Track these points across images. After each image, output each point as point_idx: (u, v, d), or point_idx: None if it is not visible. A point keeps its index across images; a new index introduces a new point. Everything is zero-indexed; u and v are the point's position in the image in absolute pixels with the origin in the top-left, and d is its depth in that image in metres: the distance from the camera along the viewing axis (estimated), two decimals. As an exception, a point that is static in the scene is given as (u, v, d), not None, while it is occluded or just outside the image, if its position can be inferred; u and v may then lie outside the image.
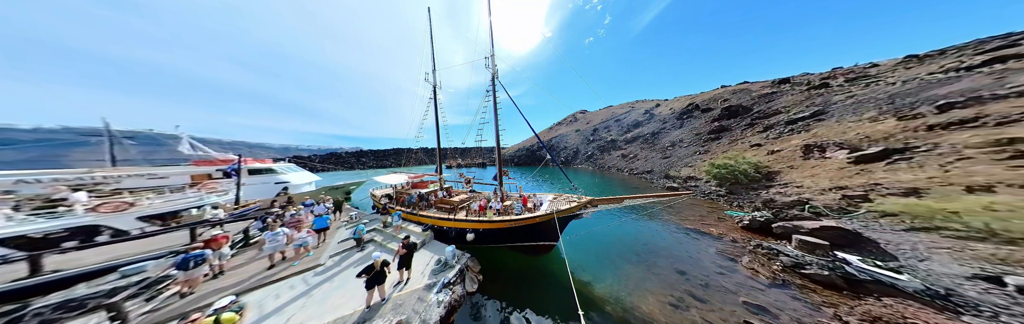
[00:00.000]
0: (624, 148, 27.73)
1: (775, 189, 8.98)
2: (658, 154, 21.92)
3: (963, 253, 4.62)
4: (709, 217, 8.45)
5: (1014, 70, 9.98)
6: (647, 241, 7.13)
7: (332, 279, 4.49)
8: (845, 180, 7.66)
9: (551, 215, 5.46)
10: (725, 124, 19.00)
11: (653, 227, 8.11)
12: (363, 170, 49.74)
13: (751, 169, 10.83)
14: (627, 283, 5.17)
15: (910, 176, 6.61)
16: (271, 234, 4.63)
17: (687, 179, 14.26)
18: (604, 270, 5.75)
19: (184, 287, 3.83)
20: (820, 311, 3.92)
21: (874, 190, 6.65)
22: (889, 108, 11.08)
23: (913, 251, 4.96)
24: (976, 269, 4.29)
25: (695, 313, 4.10)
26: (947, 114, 8.59)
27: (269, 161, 13.82)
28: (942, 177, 6.14)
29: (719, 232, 7.14)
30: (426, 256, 5.37)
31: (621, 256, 6.37)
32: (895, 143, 8.33)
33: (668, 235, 7.43)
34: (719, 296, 4.54)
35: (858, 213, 6.18)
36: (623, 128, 32.76)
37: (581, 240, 7.07)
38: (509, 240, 6.27)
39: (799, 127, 13.48)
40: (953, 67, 12.30)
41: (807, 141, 11.01)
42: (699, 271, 5.39)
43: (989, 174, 5.68)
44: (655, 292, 4.78)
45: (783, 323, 3.76)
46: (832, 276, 4.55)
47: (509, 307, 4.62)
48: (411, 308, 3.74)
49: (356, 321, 3.44)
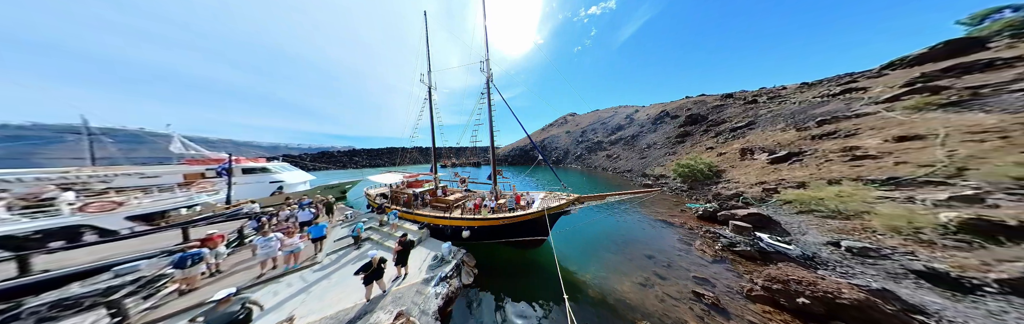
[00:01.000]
0: (609, 149, 30.10)
1: (721, 184, 11.25)
2: (637, 155, 24.51)
3: (822, 227, 6.53)
4: (674, 209, 10.02)
5: (855, 99, 13.84)
6: (624, 232, 8.04)
7: (330, 276, 4.52)
8: (765, 176, 10.14)
9: (542, 212, 5.70)
10: (688, 130, 22.18)
11: (630, 219, 9.18)
12: (356, 169, 48.24)
13: (706, 168, 12.87)
14: (606, 269, 5.79)
15: (800, 173, 9.21)
16: (263, 240, 4.41)
17: (659, 177, 16.34)
18: (588, 259, 6.31)
19: (182, 285, 3.88)
20: (742, 277, 5.15)
21: (781, 184, 9.02)
22: (792, 122, 14.46)
23: (798, 228, 6.80)
24: (828, 237, 6.06)
25: (658, 289, 4.98)
26: (821, 128, 11.74)
27: (262, 160, 13.61)
28: (817, 174, 8.72)
29: (680, 221, 8.55)
30: (423, 252, 5.49)
31: (602, 246, 7.02)
32: (794, 148, 11.17)
33: (641, 226, 8.51)
34: (676, 273, 5.48)
35: (770, 202, 8.34)
36: (608, 131, 35.30)
37: (569, 234, 7.61)
38: (503, 236, 6.43)
39: (738, 134, 16.66)
40: (824, 93, 16.45)
41: (743, 146, 13.82)
42: (663, 255, 6.35)
43: (840, 171, 8.29)
44: (628, 275, 5.50)
45: (718, 289, 4.86)
46: (751, 251, 5.97)
47: (503, 297, 4.92)
48: (410, 300, 3.84)
49: (358, 313, 3.52)
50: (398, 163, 47.30)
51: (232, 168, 9.96)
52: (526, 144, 46.16)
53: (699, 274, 5.42)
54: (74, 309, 3.28)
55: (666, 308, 4.44)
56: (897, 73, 15.19)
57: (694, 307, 4.43)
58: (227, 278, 4.27)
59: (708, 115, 22.71)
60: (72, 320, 3.19)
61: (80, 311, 3.28)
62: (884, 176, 7.25)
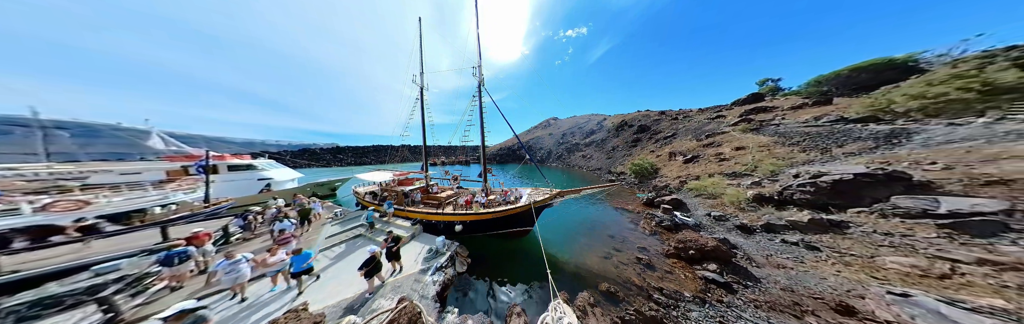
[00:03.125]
0: (584, 150, 35.19)
1: (658, 179, 15.15)
2: (605, 155, 29.58)
3: (704, 205, 9.70)
4: (629, 199, 12.74)
5: (720, 122, 20.69)
6: (593, 218, 9.56)
7: (324, 271, 4.54)
8: (680, 172, 14.82)
9: (528, 205, 6.05)
10: (639, 136, 28.14)
11: (598, 208, 11.13)
12: (341, 167, 45.91)
13: (649, 167, 17.00)
14: (580, 249, 6.72)
15: (697, 170, 14.16)
16: (227, 263, 3.54)
17: (620, 173, 20.10)
18: (565, 243, 7.18)
19: (172, 282, 3.83)
20: (664, 243, 6.92)
21: (688, 177, 13.62)
22: (693, 135, 20.62)
23: (694, 207, 9.71)
24: (707, 211, 8.99)
25: (614, 259, 6.12)
26: (707, 140, 17.51)
27: (248, 157, 13.23)
28: (704, 170, 13.65)
29: (632, 208, 10.91)
30: (418, 246, 5.62)
31: (577, 231, 8.10)
32: (694, 153, 16.46)
33: (605, 213, 10.43)
34: (627, 246, 6.80)
35: (683, 190, 12.61)
36: (583, 134, 40.46)
37: (551, 223, 8.38)
38: (494, 228, 6.71)
39: (667, 142, 22.48)
40: (709, 117, 23.72)
41: (669, 150, 19.05)
42: (619, 233, 7.83)
43: (714, 169, 13.24)
44: (595, 251, 6.54)
45: (651, 253, 6.41)
46: (671, 224, 7.99)
47: (494, 279, 5.29)
48: (409, 287, 4.01)
49: (361, 301, 3.62)
50: (387, 161, 46.52)
51: (211, 165, 9.61)
52: (513, 144, 49.92)
53: (641, 245, 6.88)
54: (57, 308, 3.19)
55: (619, 272, 5.60)
56: (736, 109, 23.45)
57: (636, 268, 5.76)
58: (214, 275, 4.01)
59: (651, 126, 28.96)
60: (57, 318, 3.13)
61: (64, 309, 3.20)
62: (730, 171, 12.38)
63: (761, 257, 6.01)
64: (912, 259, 4.78)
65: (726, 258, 5.85)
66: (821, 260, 5.52)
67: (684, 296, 4.86)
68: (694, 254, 5.96)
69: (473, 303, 4.78)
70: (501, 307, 4.60)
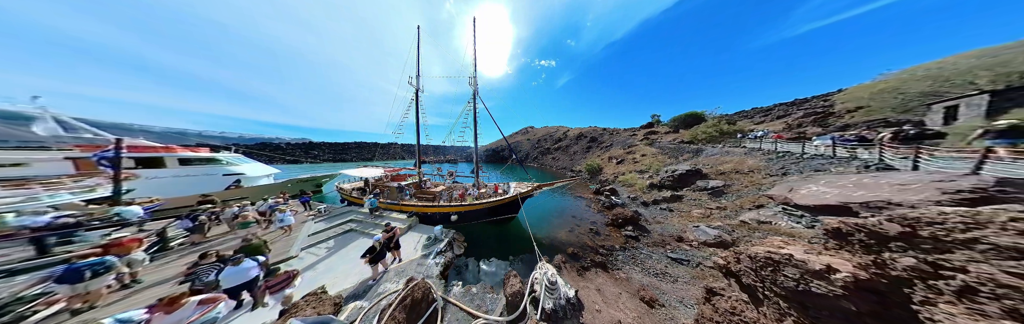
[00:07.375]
0: (554, 153, 41.45)
1: (602, 175, 20.76)
2: (569, 158, 36.39)
3: (627, 190, 13.65)
4: (585, 190, 16.19)
5: (635, 137, 29.00)
6: (563, 205, 11.93)
7: (315, 266, 4.46)
8: (614, 170, 20.45)
9: (515, 196, 6.94)
10: (591, 145, 35.30)
11: (565, 197, 13.83)
12: (315, 164, 40.11)
13: (597, 166, 22.84)
14: (552, 227, 8.34)
15: (623, 168, 19.96)
16: None
17: (579, 171, 25.25)
18: (543, 223, 8.76)
19: (75, 303, 2.72)
20: (607, 217, 9.14)
21: (619, 174, 19.39)
22: (621, 145, 27.79)
23: (622, 192, 13.12)
24: (628, 194, 12.52)
25: (576, 231, 7.98)
26: (628, 149, 24.45)
27: (206, 150, 10.90)
28: (626, 169, 19.49)
29: (586, 195, 14.14)
30: (417, 236, 5.93)
31: (551, 215, 10.02)
32: (622, 158, 22.77)
33: (570, 200, 13.02)
34: (584, 222, 8.91)
35: (616, 182, 18.26)
36: (553, 141, 46.61)
37: (533, 210, 9.69)
38: (486, 217, 7.42)
39: (607, 149, 29.44)
40: (630, 134, 32.24)
41: (608, 156, 25.32)
42: (579, 214, 10.16)
43: (632, 168, 19.18)
44: (564, 228, 8.34)
45: (598, 225, 8.51)
46: (609, 204, 10.80)
47: (489, 256, 5.92)
48: (414, 270, 4.22)
49: (370, 284, 3.67)
50: (374, 158, 43.65)
51: (155, 158, 7.95)
52: (498, 146, 55.32)
53: (591, 220, 9.21)
54: None
55: (579, 239, 7.34)
56: (641, 131, 32.86)
57: (589, 235, 7.72)
58: (149, 289, 3.23)
59: (598, 138, 36.84)
60: None
61: None
62: (639, 169, 18.45)
63: (651, 219, 9.05)
64: (701, 210, 8.80)
65: (636, 221, 8.51)
66: (673, 216, 8.91)
67: (615, 247, 6.84)
68: (621, 221, 8.38)
69: (474, 275, 5.32)
70: (498, 275, 5.21)
